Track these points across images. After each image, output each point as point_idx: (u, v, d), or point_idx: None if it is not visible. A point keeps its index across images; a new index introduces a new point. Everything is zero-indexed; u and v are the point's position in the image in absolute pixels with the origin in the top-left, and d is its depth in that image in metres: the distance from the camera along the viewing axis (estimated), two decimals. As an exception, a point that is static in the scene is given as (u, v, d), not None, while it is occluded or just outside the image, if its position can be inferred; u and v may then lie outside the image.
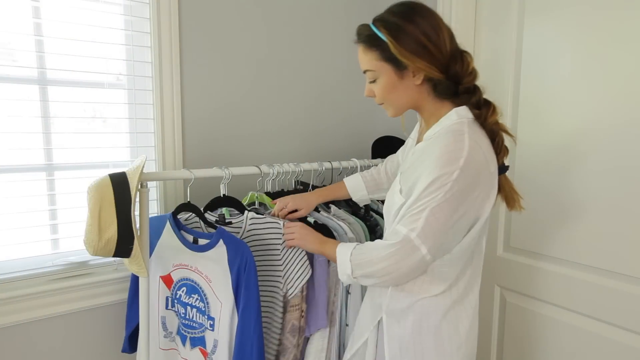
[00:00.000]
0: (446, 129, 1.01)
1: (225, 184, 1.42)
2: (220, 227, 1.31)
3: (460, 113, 1.03)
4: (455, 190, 0.94)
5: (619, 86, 1.37)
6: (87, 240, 1.10)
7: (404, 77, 1.03)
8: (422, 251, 0.96)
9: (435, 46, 0.98)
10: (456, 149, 0.95)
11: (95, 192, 1.11)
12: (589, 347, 1.49)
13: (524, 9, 1.60)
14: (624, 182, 1.38)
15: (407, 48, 0.98)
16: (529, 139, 1.61)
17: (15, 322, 1.43)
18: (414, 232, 0.95)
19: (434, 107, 1.07)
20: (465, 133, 0.97)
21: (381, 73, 1.04)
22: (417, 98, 1.06)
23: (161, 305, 1.42)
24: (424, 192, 0.95)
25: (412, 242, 0.96)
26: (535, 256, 1.63)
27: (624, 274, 1.40)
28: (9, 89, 1.41)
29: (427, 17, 1.00)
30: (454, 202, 0.94)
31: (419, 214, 0.95)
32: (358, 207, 1.64)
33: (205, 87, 1.73)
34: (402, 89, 1.04)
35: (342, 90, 2.10)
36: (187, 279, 1.37)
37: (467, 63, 1.02)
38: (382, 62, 1.02)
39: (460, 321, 1.09)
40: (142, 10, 1.59)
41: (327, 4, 1.99)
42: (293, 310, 1.36)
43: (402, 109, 1.10)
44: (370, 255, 1.03)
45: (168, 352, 1.44)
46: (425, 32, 0.98)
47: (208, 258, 1.32)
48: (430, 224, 0.95)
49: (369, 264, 1.02)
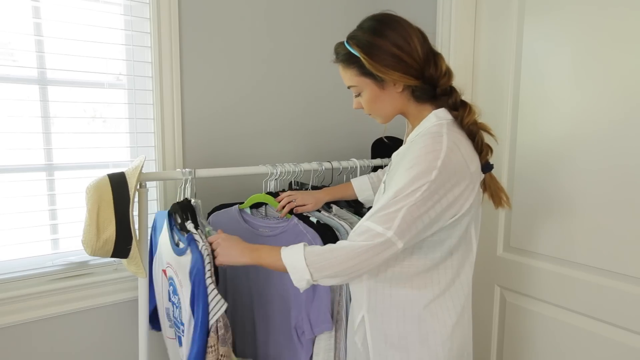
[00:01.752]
0: (425, 131, 1.05)
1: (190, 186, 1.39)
2: (190, 233, 1.27)
3: (439, 115, 1.06)
4: (433, 189, 0.95)
5: (619, 86, 1.37)
6: (85, 240, 1.10)
7: (385, 87, 1.07)
8: (398, 245, 0.97)
9: (408, 54, 1.02)
10: (434, 150, 0.97)
11: (94, 192, 1.11)
12: (588, 347, 1.49)
13: (524, 9, 1.60)
14: (624, 182, 1.37)
15: (381, 63, 1.02)
16: (529, 139, 1.60)
17: (15, 322, 1.43)
18: (390, 231, 0.96)
19: (416, 110, 1.10)
20: (444, 134, 1.00)
21: (363, 87, 1.08)
22: (401, 105, 1.10)
23: (165, 297, 1.43)
24: (401, 191, 0.96)
25: (389, 240, 0.96)
26: (535, 256, 1.63)
27: (624, 274, 1.39)
28: (9, 89, 1.41)
29: (396, 28, 1.03)
30: (429, 200, 0.96)
31: (395, 212, 0.96)
32: (360, 206, 1.64)
33: (206, 87, 1.73)
34: (385, 98, 1.08)
35: (342, 91, 2.10)
36: (172, 279, 1.37)
37: (440, 65, 1.05)
38: (362, 77, 1.07)
39: (445, 314, 1.09)
40: (142, 10, 1.59)
41: (328, 3, 1.99)
42: (210, 352, 1.18)
43: (389, 117, 1.14)
44: (333, 255, 1.01)
45: (173, 340, 1.44)
46: (396, 44, 1.01)
47: (182, 263, 1.28)
48: (406, 221, 0.96)
49: (335, 264, 1.00)
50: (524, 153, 1.62)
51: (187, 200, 1.38)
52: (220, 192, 1.77)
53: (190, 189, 1.37)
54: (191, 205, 1.38)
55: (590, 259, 1.47)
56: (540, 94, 1.56)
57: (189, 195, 1.38)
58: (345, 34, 1.10)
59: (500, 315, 1.76)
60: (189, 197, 1.38)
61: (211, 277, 1.20)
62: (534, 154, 1.59)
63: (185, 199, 1.38)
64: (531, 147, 1.60)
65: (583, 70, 1.45)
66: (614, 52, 1.37)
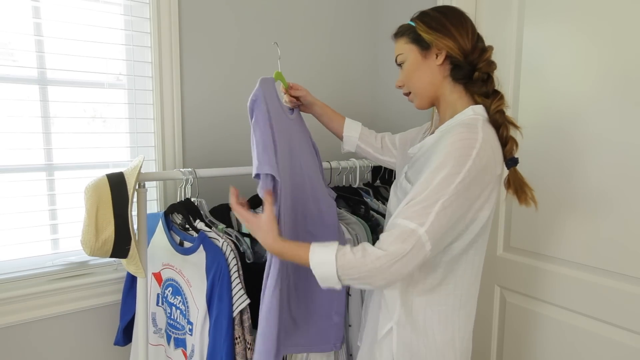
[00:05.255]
0: (460, 122, 1.03)
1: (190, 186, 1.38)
2: (202, 232, 1.30)
3: (476, 110, 1.05)
4: (467, 182, 0.93)
5: (619, 85, 1.36)
6: (84, 240, 1.10)
7: (427, 57, 1.09)
8: (427, 248, 0.92)
9: (458, 31, 1.06)
10: (470, 139, 0.95)
11: (93, 192, 1.11)
12: (589, 347, 1.49)
13: (524, 9, 1.60)
14: (624, 181, 1.37)
15: (431, 27, 1.07)
16: (529, 138, 1.60)
17: (15, 322, 1.44)
18: (422, 228, 0.91)
19: (449, 92, 1.10)
20: (480, 127, 0.98)
21: (408, 55, 1.12)
22: (438, 82, 1.11)
23: (152, 301, 1.43)
24: (434, 180, 0.93)
25: (420, 239, 0.91)
26: (535, 256, 1.63)
27: (624, 274, 1.39)
28: (9, 89, 1.41)
29: (455, 11, 1.10)
30: (462, 195, 0.93)
31: (430, 207, 0.92)
32: (358, 206, 1.64)
33: (206, 87, 1.73)
34: (424, 69, 1.10)
35: (342, 91, 2.09)
36: (173, 280, 1.37)
37: (486, 53, 1.07)
38: (409, 44, 1.11)
39: (456, 327, 1.08)
40: (142, 10, 1.60)
41: (328, 3, 1.99)
42: (238, 343, 1.25)
43: (424, 94, 1.13)
44: (367, 259, 0.93)
45: (156, 347, 1.44)
46: (450, 20, 1.07)
47: (190, 262, 1.31)
48: (439, 220, 0.92)
49: (364, 268, 0.93)
50: (524, 152, 1.62)
51: (188, 200, 1.38)
52: (220, 192, 1.77)
53: (191, 189, 1.37)
54: (194, 205, 1.38)
55: (590, 259, 1.47)
56: (541, 93, 1.56)
57: (189, 195, 1.38)
58: (345, 33, 1.11)
59: (500, 315, 1.76)
60: (189, 196, 1.38)
61: (237, 272, 1.25)
62: (533, 154, 1.59)
63: (186, 199, 1.39)
64: (531, 147, 1.60)
65: (583, 69, 1.44)
66: (614, 50, 1.37)
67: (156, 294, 1.42)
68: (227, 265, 1.23)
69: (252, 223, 1.07)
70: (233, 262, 1.25)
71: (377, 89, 2.20)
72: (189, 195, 1.38)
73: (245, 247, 1.40)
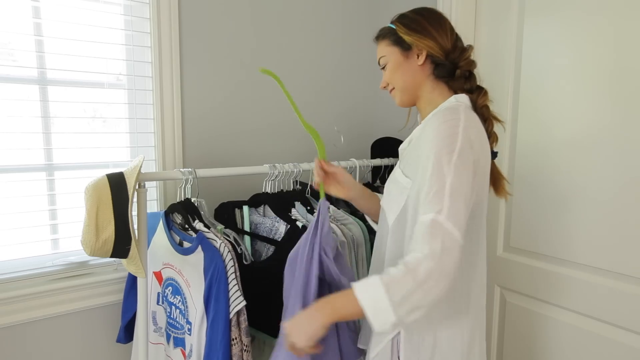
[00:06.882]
0: (443, 108, 1.06)
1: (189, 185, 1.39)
2: (200, 233, 1.30)
3: (459, 99, 1.09)
4: (464, 156, 0.94)
5: (619, 85, 1.37)
6: (84, 240, 1.10)
7: (408, 57, 1.12)
8: (455, 234, 0.87)
9: (437, 32, 1.09)
10: (453, 119, 0.98)
11: (93, 192, 1.11)
12: (589, 347, 1.49)
13: (524, 9, 1.60)
14: (624, 181, 1.37)
15: (411, 28, 1.10)
16: (528, 138, 1.60)
17: (15, 322, 1.43)
18: (441, 214, 0.87)
19: (431, 89, 1.13)
20: (462, 110, 1.01)
21: (390, 57, 1.15)
22: (419, 79, 1.13)
23: (152, 300, 1.43)
24: (434, 163, 0.94)
25: (443, 227, 0.87)
26: (535, 256, 1.63)
27: (624, 274, 1.39)
28: (9, 89, 1.41)
29: (432, 12, 1.13)
30: (462, 170, 0.93)
31: (440, 191, 0.90)
32: (357, 207, 1.64)
33: (205, 87, 1.73)
34: (406, 68, 1.13)
35: (341, 91, 2.10)
36: (173, 280, 1.37)
37: (466, 52, 1.11)
38: (391, 46, 1.14)
39: (472, 329, 1.08)
40: (142, 10, 1.59)
41: (328, 3, 1.99)
42: (234, 344, 1.25)
43: (406, 93, 1.15)
44: (411, 266, 0.85)
45: (156, 346, 1.44)
46: (429, 21, 1.11)
47: (189, 262, 1.31)
48: (455, 199, 0.90)
49: (416, 274, 0.85)
50: (524, 153, 1.62)
51: (188, 200, 1.38)
52: (220, 192, 1.77)
53: (191, 189, 1.37)
54: (194, 205, 1.38)
55: (590, 259, 1.47)
56: (541, 93, 1.56)
57: (189, 195, 1.38)
58: (344, 33, 1.12)
59: (500, 315, 1.76)
60: (189, 197, 1.39)
61: (234, 274, 1.25)
62: (534, 154, 1.59)
63: (186, 199, 1.39)
64: (531, 147, 1.60)
65: (583, 69, 1.44)
66: (614, 51, 1.37)
67: (157, 293, 1.43)
68: (224, 267, 1.23)
69: (293, 325, 0.97)
70: (230, 264, 1.26)
71: (378, 92, 2.20)
72: (189, 195, 1.38)
73: (243, 249, 1.40)
